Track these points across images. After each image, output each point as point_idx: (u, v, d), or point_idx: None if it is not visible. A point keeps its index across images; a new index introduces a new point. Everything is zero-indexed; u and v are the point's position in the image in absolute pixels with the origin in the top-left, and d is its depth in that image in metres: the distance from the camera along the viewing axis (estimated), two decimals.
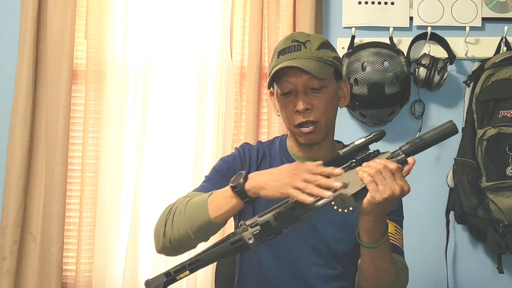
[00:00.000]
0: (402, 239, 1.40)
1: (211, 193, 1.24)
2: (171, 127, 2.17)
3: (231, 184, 1.20)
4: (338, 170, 1.14)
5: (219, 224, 1.23)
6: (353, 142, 1.19)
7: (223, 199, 1.20)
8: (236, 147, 1.50)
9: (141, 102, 2.15)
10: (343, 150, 1.18)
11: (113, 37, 2.18)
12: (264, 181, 1.17)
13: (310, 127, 1.34)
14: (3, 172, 2.10)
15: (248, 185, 1.18)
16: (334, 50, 1.40)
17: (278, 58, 1.36)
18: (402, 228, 1.42)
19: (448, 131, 1.18)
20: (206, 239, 1.27)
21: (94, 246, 2.11)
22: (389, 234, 1.23)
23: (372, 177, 1.10)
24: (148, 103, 2.15)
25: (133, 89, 2.17)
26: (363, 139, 1.19)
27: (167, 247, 1.26)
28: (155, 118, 2.17)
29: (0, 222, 2.09)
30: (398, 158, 1.17)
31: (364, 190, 1.11)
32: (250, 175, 1.20)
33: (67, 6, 2.12)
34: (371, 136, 1.19)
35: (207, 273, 2.08)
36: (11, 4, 2.21)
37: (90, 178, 2.12)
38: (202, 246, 1.22)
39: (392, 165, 1.12)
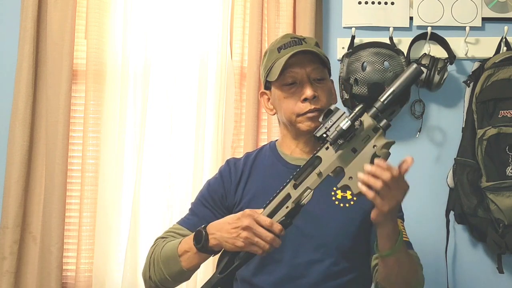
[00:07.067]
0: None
1: (180, 242, 1.32)
2: (171, 127, 2.17)
3: (196, 245, 1.26)
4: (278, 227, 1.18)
5: (194, 271, 1.34)
6: (338, 125, 1.15)
7: (192, 254, 1.28)
8: (221, 166, 1.52)
9: (141, 102, 2.15)
10: (331, 137, 1.16)
11: (113, 37, 2.18)
12: (220, 237, 1.24)
13: (316, 112, 1.36)
14: (3, 172, 2.10)
15: (212, 243, 1.25)
16: None
17: (279, 52, 1.40)
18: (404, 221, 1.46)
19: (413, 75, 1.18)
20: (185, 281, 1.38)
21: (94, 246, 2.11)
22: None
23: (376, 192, 1.11)
24: (148, 103, 2.15)
25: (133, 89, 2.17)
26: (347, 121, 1.15)
27: (153, 287, 1.40)
28: (155, 118, 2.17)
29: (0, 222, 2.09)
30: (382, 124, 1.17)
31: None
32: (209, 229, 1.26)
33: (67, 6, 2.12)
34: (356, 113, 1.16)
35: (207, 273, 2.08)
36: (11, 4, 2.21)
37: (90, 178, 2.12)
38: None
39: (394, 172, 1.10)
